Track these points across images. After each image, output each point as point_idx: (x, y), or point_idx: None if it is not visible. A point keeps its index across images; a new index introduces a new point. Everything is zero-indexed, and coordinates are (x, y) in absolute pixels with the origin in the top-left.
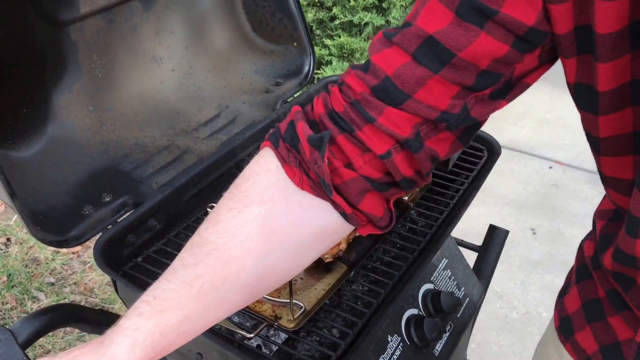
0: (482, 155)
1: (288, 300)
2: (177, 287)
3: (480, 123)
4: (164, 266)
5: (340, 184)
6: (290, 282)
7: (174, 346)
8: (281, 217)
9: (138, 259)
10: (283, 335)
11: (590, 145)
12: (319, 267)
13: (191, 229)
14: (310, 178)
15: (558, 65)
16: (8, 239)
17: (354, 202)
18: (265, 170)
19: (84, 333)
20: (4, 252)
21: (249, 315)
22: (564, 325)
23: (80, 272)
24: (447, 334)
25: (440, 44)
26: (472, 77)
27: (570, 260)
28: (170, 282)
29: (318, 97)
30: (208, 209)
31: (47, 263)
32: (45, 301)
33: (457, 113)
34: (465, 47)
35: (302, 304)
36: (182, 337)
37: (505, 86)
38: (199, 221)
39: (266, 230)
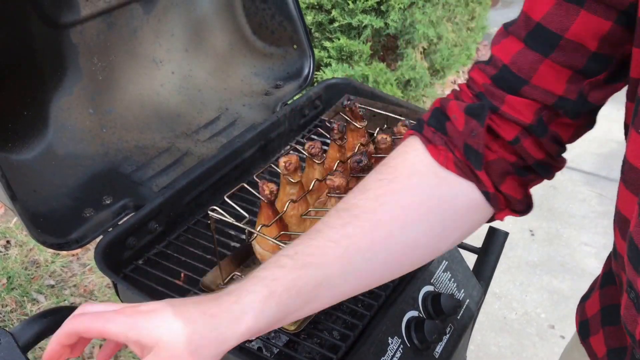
0: None
1: None
2: (322, 244)
3: (601, 105)
4: (165, 268)
5: (483, 163)
6: None
7: (302, 313)
8: (428, 190)
9: (139, 261)
10: (284, 338)
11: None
12: None
13: (192, 231)
14: (456, 156)
15: None
16: (8, 242)
17: (496, 183)
18: (412, 149)
19: None
20: (4, 255)
21: None
22: (582, 328)
23: (80, 274)
24: (448, 336)
25: (546, 28)
26: (583, 59)
27: (569, 262)
28: (315, 240)
29: (449, 95)
30: (209, 212)
31: (47, 265)
32: (45, 303)
33: (574, 99)
34: (568, 27)
35: None
36: (314, 302)
37: (620, 68)
38: (199, 223)
39: (414, 200)
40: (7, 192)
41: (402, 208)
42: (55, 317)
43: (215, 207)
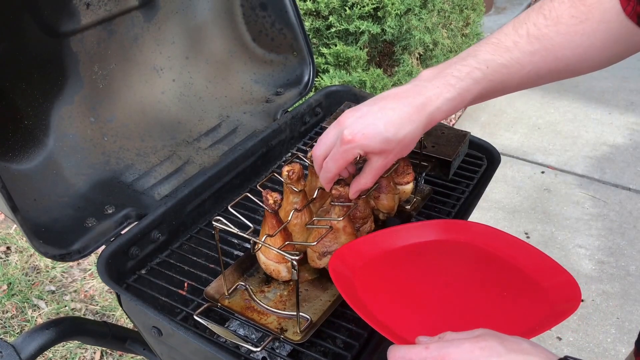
0: (481, 164)
1: (294, 313)
2: (509, 64)
3: None
4: (168, 278)
5: None
6: (297, 295)
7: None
8: (611, 38)
9: (142, 271)
10: (288, 347)
11: None
12: (323, 278)
13: (194, 240)
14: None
15: None
16: (8, 248)
17: None
18: None
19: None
20: (4, 261)
21: (255, 327)
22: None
23: (81, 279)
24: None
25: None
26: None
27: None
28: (503, 58)
29: None
30: (213, 222)
31: (47, 271)
32: (46, 309)
33: None
34: None
35: (308, 316)
36: (487, 100)
37: None
38: (202, 232)
39: (598, 45)
40: (8, 203)
41: (584, 48)
42: (57, 328)
43: (219, 217)
